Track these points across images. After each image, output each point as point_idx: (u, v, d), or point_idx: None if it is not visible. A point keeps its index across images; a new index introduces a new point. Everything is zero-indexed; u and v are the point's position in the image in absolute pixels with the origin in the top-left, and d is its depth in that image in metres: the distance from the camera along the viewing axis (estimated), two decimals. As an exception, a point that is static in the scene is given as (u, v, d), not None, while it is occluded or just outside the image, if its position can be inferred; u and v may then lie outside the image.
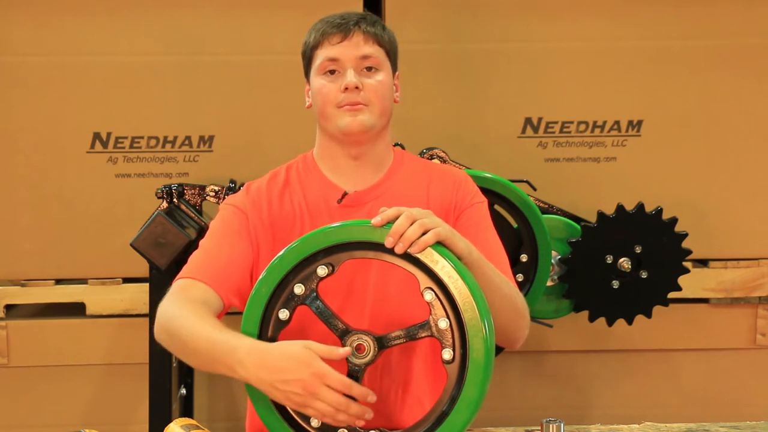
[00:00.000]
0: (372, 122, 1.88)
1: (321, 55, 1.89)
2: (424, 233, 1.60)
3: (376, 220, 1.62)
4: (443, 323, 1.59)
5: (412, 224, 1.60)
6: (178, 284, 1.83)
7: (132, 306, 2.77)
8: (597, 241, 2.61)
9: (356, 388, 1.58)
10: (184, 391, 2.70)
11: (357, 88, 1.86)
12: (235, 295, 1.84)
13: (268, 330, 1.66)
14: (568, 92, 2.83)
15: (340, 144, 1.92)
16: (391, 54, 1.94)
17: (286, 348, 1.59)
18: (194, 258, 1.87)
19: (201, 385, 2.82)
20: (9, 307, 2.79)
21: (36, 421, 2.80)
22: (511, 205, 2.54)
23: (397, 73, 1.97)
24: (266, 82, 2.77)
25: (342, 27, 1.89)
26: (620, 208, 2.61)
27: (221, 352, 1.64)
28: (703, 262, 2.91)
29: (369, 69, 1.89)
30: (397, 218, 1.61)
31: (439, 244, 1.61)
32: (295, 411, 1.64)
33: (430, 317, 1.60)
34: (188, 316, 1.72)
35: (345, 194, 1.91)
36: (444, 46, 2.81)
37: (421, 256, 1.59)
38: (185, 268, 1.86)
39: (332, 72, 1.89)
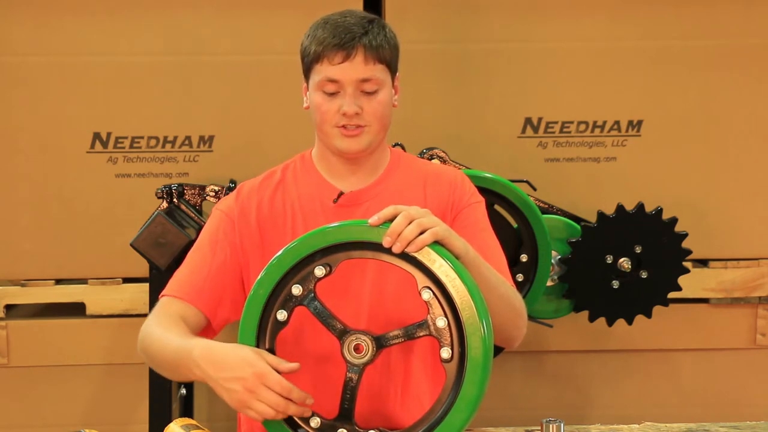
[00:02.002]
0: (369, 143, 1.88)
1: (321, 72, 1.86)
2: (421, 233, 1.60)
3: (373, 220, 1.62)
4: (441, 322, 1.59)
5: (409, 224, 1.60)
6: (159, 303, 1.87)
7: (132, 306, 2.77)
8: (597, 241, 2.61)
9: (295, 392, 1.58)
10: (184, 391, 2.70)
11: (357, 113, 1.85)
12: (221, 306, 1.87)
13: (266, 331, 1.66)
14: (568, 92, 2.83)
15: (336, 155, 1.92)
16: (393, 63, 1.91)
17: (236, 348, 1.63)
18: (177, 273, 1.90)
19: (201, 385, 2.81)
20: (9, 307, 2.79)
21: (36, 421, 2.80)
22: (511, 205, 2.54)
23: (397, 75, 1.95)
24: (266, 82, 2.77)
25: (345, 46, 1.83)
26: (620, 208, 2.61)
27: (181, 356, 1.68)
28: (703, 262, 2.91)
29: (369, 90, 1.87)
30: (394, 217, 1.61)
31: (437, 244, 1.61)
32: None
33: (428, 316, 1.60)
34: (157, 330, 1.78)
35: (341, 194, 1.91)
36: (444, 46, 2.81)
37: (419, 256, 1.59)
38: (168, 285, 1.89)
39: (331, 90, 1.87)
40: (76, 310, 2.79)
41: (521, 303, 1.86)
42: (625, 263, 2.61)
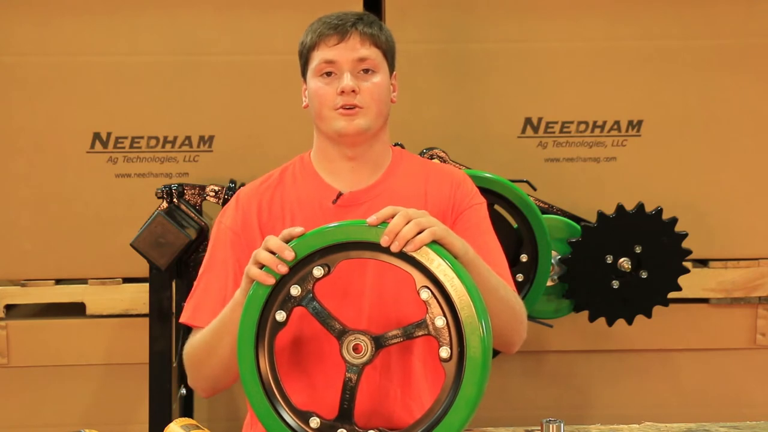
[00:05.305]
0: (368, 125, 1.88)
1: (317, 57, 1.88)
2: (419, 232, 1.60)
3: (371, 220, 1.62)
4: (440, 321, 1.59)
5: (407, 223, 1.60)
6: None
7: (132, 306, 2.77)
8: (597, 241, 2.61)
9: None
10: (184, 391, 2.70)
11: (353, 91, 1.85)
12: None
13: (265, 331, 1.66)
14: (568, 92, 2.83)
15: (336, 144, 1.91)
16: (389, 54, 1.93)
17: None
18: (195, 299, 1.91)
19: (201, 386, 2.82)
20: (9, 307, 2.80)
21: (36, 421, 2.80)
22: (511, 205, 2.54)
23: (394, 72, 1.96)
24: (266, 82, 2.77)
25: (339, 28, 1.87)
26: (620, 208, 2.61)
27: (229, 310, 1.75)
28: (703, 262, 2.91)
29: (366, 71, 1.88)
30: (392, 217, 1.61)
31: (435, 243, 1.61)
32: (294, 412, 1.64)
33: (427, 316, 1.60)
34: (195, 338, 1.87)
35: (340, 194, 1.91)
36: (444, 46, 2.81)
37: (417, 255, 1.59)
38: (187, 311, 1.90)
39: (329, 74, 1.88)
40: (76, 310, 2.79)
41: (522, 307, 1.86)
42: (625, 263, 2.61)
